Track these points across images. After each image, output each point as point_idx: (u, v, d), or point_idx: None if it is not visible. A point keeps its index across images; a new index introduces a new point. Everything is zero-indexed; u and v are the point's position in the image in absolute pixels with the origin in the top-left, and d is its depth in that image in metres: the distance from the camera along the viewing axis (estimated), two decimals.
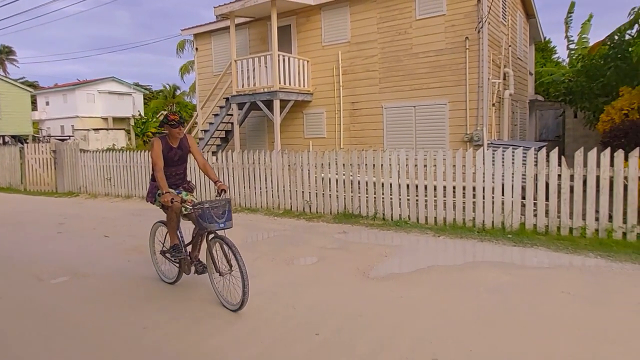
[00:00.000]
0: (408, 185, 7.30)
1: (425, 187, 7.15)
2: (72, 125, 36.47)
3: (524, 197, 6.51)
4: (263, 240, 6.75)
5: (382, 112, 10.96)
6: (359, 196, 7.83)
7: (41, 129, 38.91)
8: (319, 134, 12.00)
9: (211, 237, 4.07)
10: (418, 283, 4.56)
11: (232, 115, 12.25)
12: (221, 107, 12.68)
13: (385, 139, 10.94)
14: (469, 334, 3.39)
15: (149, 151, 6.20)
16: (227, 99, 12.32)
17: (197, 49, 14.63)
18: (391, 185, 7.44)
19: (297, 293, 4.37)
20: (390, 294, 4.25)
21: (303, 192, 8.55)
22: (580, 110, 12.25)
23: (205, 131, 12.93)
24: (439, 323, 3.60)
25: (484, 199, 6.66)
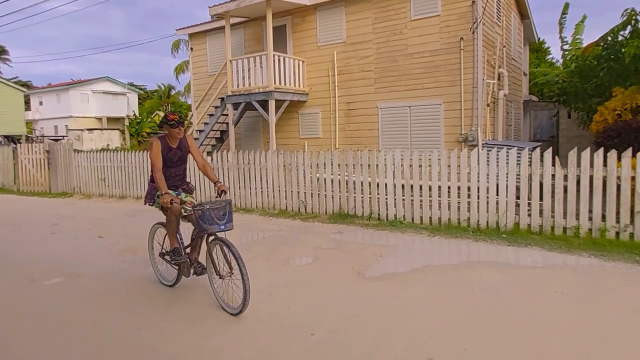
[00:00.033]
0: (403, 185, 7.33)
1: (420, 187, 7.17)
2: (66, 125, 36.27)
3: (518, 197, 6.55)
4: (258, 240, 6.74)
5: (378, 113, 10.98)
6: (354, 196, 7.84)
7: (34, 129, 38.68)
8: (315, 134, 12.00)
9: (211, 239, 4.01)
10: (413, 283, 4.57)
11: (227, 115, 12.24)
12: (216, 107, 12.65)
13: (381, 139, 10.97)
14: (464, 333, 3.41)
15: (148, 151, 6.11)
16: (222, 99, 12.30)
17: (192, 49, 14.60)
18: (386, 185, 7.46)
19: (293, 293, 4.36)
20: (385, 294, 4.26)
21: (298, 192, 8.55)
22: (574, 111, 12.35)
23: (200, 131, 12.90)
24: (434, 323, 3.62)
25: (478, 199, 6.69)
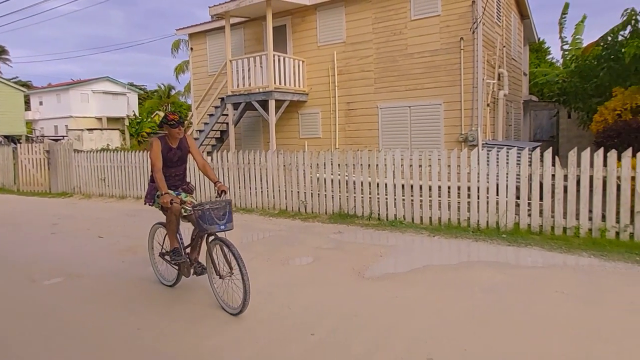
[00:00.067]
0: (403, 185, 7.32)
1: (420, 187, 7.17)
2: (66, 125, 36.27)
3: (518, 197, 6.55)
4: (258, 240, 6.74)
5: (378, 112, 10.98)
6: (354, 196, 7.84)
7: (34, 129, 38.68)
8: (315, 134, 12.00)
9: (211, 239, 4.01)
10: (413, 283, 4.57)
11: (227, 115, 12.24)
12: (216, 107, 12.65)
13: (381, 139, 10.97)
14: (464, 333, 3.41)
15: (148, 151, 6.09)
16: (222, 99, 12.30)
17: (192, 49, 14.60)
18: (386, 185, 7.46)
19: (293, 293, 4.36)
20: (385, 294, 4.26)
21: (298, 192, 8.55)
22: (574, 111, 12.34)
23: (200, 131, 12.90)
24: (434, 323, 3.62)
25: (478, 199, 6.69)
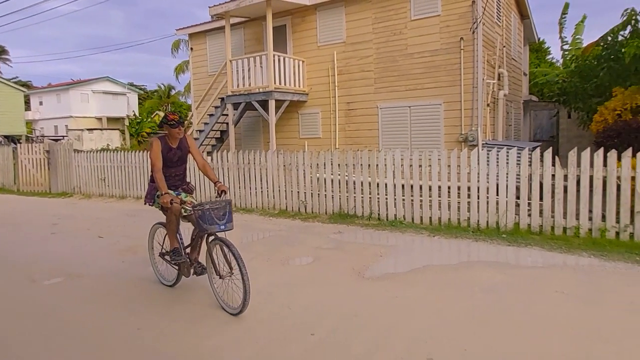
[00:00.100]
0: (403, 185, 7.32)
1: (420, 187, 7.17)
2: (66, 125, 36.26)
3: (518, 197, 6.55)
4: (258, 240, 6.74)
5: (378, 112, 10.98)
6: (354, 196, 7.84)
7: (34, 129, 38.68)
8: (315, 134, 12.00)
9: (211, 239, 4.01)
10: (413, 283, 4.57)
11: (227, 115, 12.24)
12: (216, 107, 12.65)
13: (381, 139, 10.97)
14: (464, 333, 3.41)
15: (148, 151, 6.09)
16: (222, 99, 12.30)
17: (192, 49, 14.60)
18: (386, 185, 7.46)
19: (293, 293, 4.36)
20: (385, 294, 4.26)
21: (298, 192, 8.55)
22: (574, 111, 12.34)
23: (200, 131, 12.90)
24: (434, 323, 3.62)
25: (478, 199, 6.69)
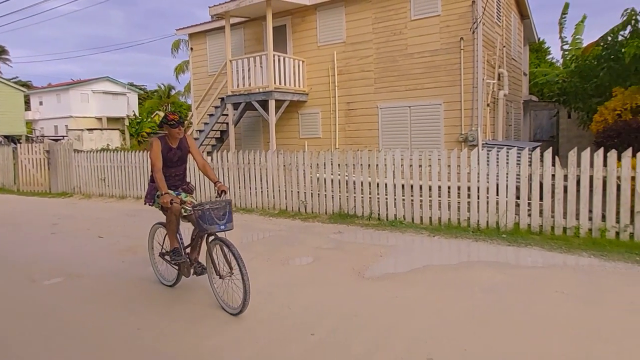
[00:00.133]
0: (403, 185, 7.32)
1: (421, 187, 7.17)
2: (66, 125, 36.26)
3: (518, 197, 6.55)
4: (258, 240, 6.74)
5: (378, 112, 10.98)
6: (354, 196, 7.84)
7: (34, 129, 38.68)
8: (315, 134, 12.00)
9: (211, 239, 4.01)
10: (413, 283, 4.57)
11: (227, 115, 12.24)
12: (216, 107, 12.65)
13: (381, 139, 10.97)
14: (464, 333, 3.41)
15: (148, 151, 6.10)
16: (222, 99, 12.30)
17: (192, 49, 14.60)
18: (386, 185, 7.46)
19: (293, 293, 4.36)
20: (385, 294, 4.26)
21: (298, 192, 8.55)
22: (574, 111, 12.34)
23: (200, 131, 12.90)
24: (434, 323, 3.62)
25: (478, 199, 6.69)
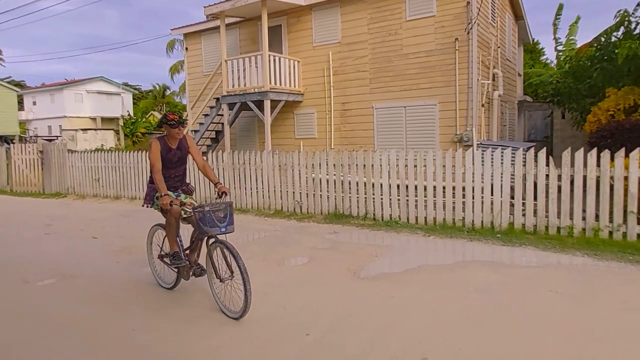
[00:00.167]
0: (398, 186, 7.33)
1: (416, 187, 7.18)
2: (60, 126, 35.99)
3: (512, 197, 6.58)
4: (254, 240, 6.73)
5: (373, 113, 10.99)
6: (350, 196, 7.84)
7: (28, 129, 38.40)
8: (310, 135, 11.99)
9: (211, 242, 3.94)
10: (408, 283, 4.58)
11: (223, 115, 12.20)
12: (211, 108, 12.61)
13: (376, 139, 10.98)
14: (459, 333, 3.42)
15: (147, 152, 6.06)
16: (218, 99, 12.26)
17: (187, 49, 14.54)
18: (381, 185, 7.47)
19: (288, 293, 4.36)
20: (380, 294, 4.27)
21: (294, 193, 8.54)
22: (568, 111, 12.41)
23: (195, 131, 12.85)
24: (429, 323, 3.62)
25: (473, 199, 6.71)
